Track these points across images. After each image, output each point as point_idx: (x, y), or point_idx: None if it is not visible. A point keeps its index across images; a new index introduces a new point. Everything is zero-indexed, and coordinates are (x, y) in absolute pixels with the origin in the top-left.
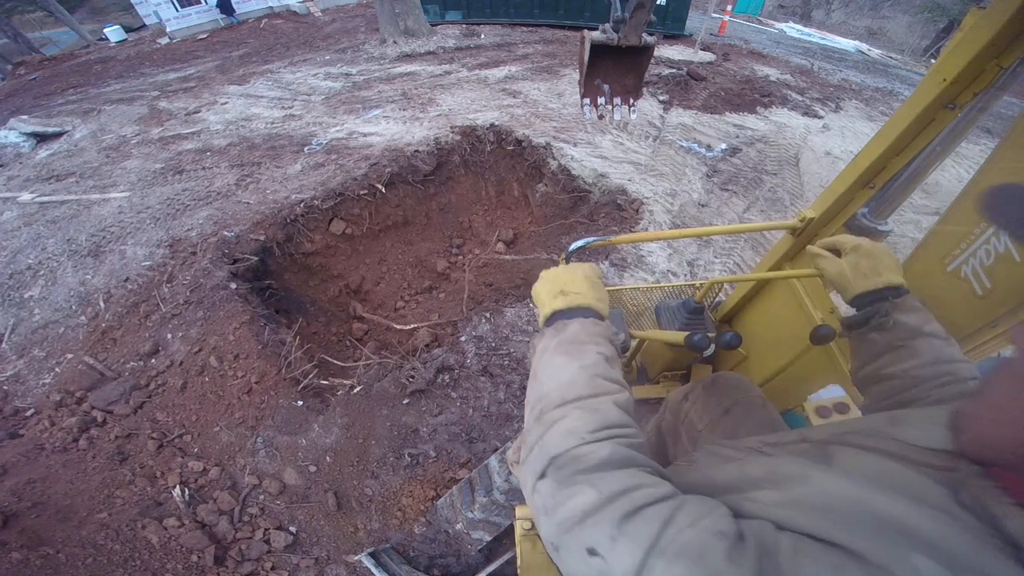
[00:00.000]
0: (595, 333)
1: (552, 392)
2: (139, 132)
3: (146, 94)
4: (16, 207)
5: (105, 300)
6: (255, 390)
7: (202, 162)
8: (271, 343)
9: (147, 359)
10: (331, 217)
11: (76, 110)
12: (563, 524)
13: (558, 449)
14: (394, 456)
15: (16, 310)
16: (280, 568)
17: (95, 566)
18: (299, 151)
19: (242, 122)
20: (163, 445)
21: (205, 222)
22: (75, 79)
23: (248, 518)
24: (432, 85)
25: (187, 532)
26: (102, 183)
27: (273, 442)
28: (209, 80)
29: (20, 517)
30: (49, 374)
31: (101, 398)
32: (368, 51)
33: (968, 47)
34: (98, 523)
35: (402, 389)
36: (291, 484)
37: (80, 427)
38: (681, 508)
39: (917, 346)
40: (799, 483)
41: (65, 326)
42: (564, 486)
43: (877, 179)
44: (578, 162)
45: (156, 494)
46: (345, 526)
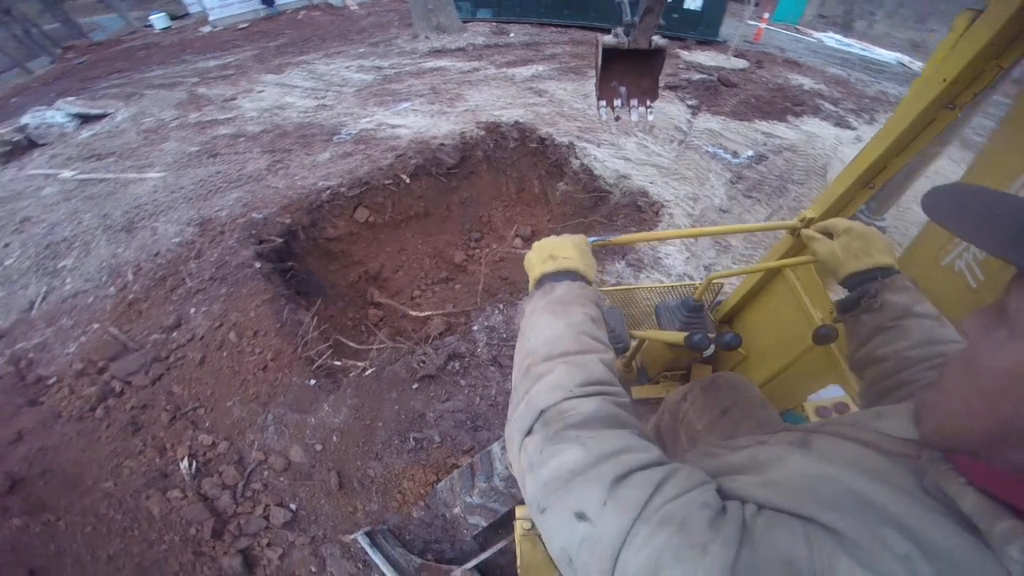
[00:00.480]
0: (581, 295)
1: (539, 348)
2: (177, 116)
3: (186, 80)
4: (57, 183)
5: (134, 273)
6: (270, 367)
7: (235, 147)
8: (289, 322)
9: (169, 332)
10: (356, 205)
11: (119, 94)
12: (549, 484)
13: (546, 403)
14: (399, 439)
15: (49, 279)
16: (276, 544)
17: (93, 535)
18: (329, 140)
19: (276, 110)
20: (176, 418)
21: (235, 204)
22: (120, 64)
23: (251, 493)
24: (460, 81)
25: (189, 504)
26: (139, 163)
27: (283, 419)
28: (247, 69)
29: (28, 483)
30: (74, 343)
31: (122, 369)
32: (400, 45)
33: (968, 47)
34: (103, 492)
35: (412, 374)
36: (296, 461)
37: (98, 397)
38: (671, 476)
39: (907, 326)
40: (776, 465)
41: (94, 296)
42: (551, 442)
43: (877, 179)
44: (600, 162)
45: (164, 466)
46: (345, 506)
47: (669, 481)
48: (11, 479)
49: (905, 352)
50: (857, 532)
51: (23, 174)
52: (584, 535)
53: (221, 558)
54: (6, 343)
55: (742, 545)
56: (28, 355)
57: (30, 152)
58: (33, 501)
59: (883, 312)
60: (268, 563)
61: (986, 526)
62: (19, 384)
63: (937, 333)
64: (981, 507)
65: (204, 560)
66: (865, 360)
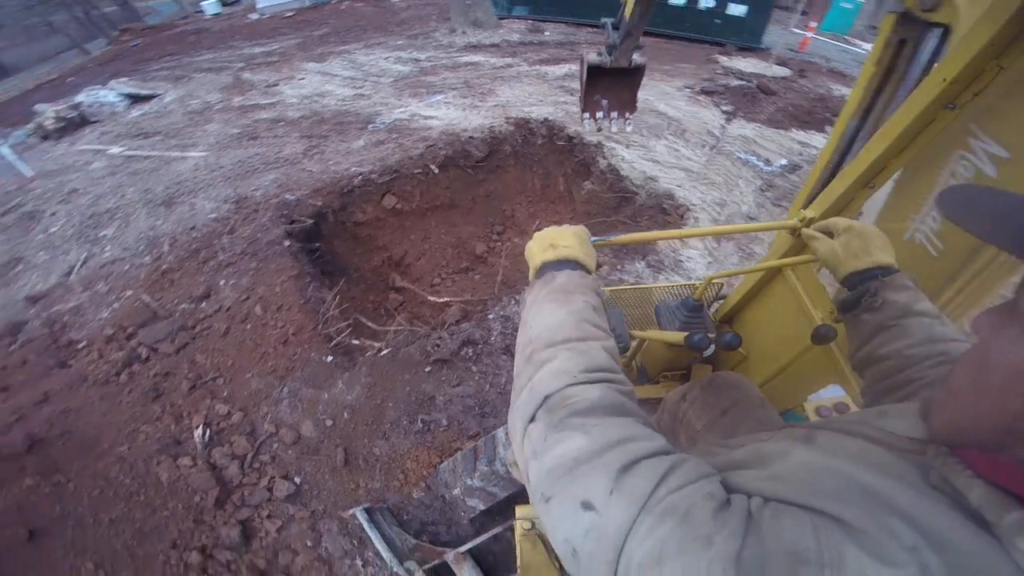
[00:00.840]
0: (582, 283)
1: (542, 335)
2: (222, 100)
3: (232, 65)
4: (105, 158)
5: (170, 244)
6: (291, 341)
7: (275, 131)
8: (313, 299)
9: (198, 302)
10: (384, 191)
11: (169, 76)
12: (553, 472)
13: (549, 389)
14: (408, 420)
15: (89, 246)
16: (275, 517)
17: (99, 499)
18: (364, 128)
19: (315, 97)
20: (196, 386)
21: (270, 184)
22: (171, 47)
23: (258, 465)
24: (493, 76)
25: (198, 473)
26: (183, 143)
27: (298, 393)
28: (290, 56)
29: (46, 444)
30: (107, 309)
31: (150, 336)
32: (437, 39)
33: (968, 47)
34: (116, 456)
35: (426, 357)
36: (306, 436)
37: (124, 362)
38: (677, 466)
39: (907, 325)
40: (780, 459)
41: (130, 264)
42: (555, 430)
43: (877, 179)
44: (628, 163)
45: (178, 433)
46: (348, 483)
47: (675, 471)
48: (31, 439)
49: (907, 351)
50: (864, 522)
51: (74, 149)
52: (590, 525)
53: (220, 527)
54: (43, 305)
55: (747, 536)
56: (63, 318)
57: (82, 129)
58: (48, 462)
59: (883, 311)
60: (266, 535)
61: (994, 518)
62: (51, 346)
63: (938, 331)
64: (989, 499)
65: (203, 528)
66: (867, 359)
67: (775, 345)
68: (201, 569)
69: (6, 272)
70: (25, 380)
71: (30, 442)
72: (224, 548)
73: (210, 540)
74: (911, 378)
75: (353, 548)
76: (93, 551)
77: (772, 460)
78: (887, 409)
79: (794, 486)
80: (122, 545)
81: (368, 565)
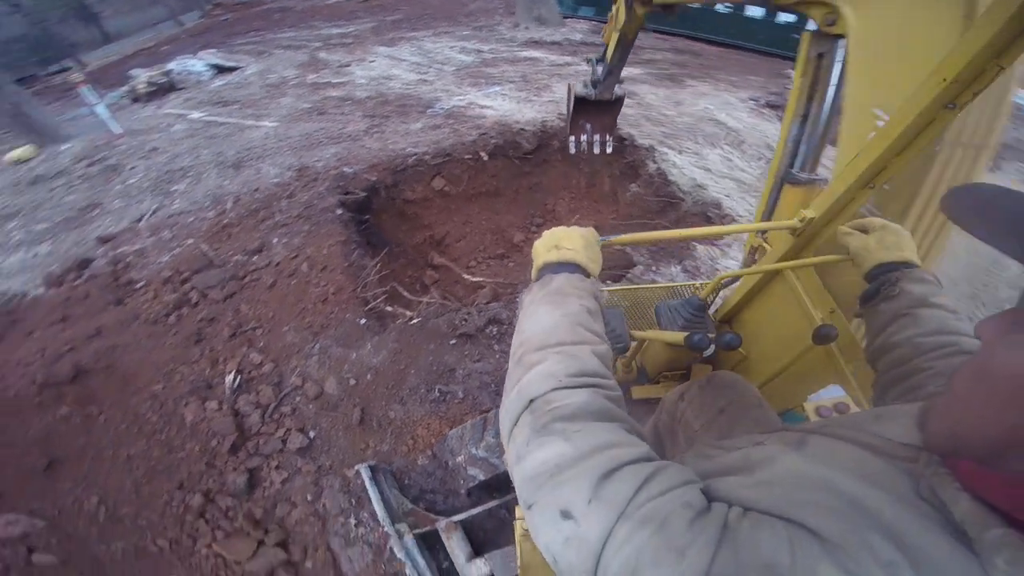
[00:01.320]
0: (579, 287)
1: (533, 337)
2: (297, 76)
3: (310, 44)
4: (186, 122)
5: (233, 203)
6: (329, 300)
7: (342, 108)
8: (355, 265)
9: (251, 255)
10: (435, 173)
11: (252, 50)
12: (535, 479)
13: (535, 392)
14: (425, 388)
15: (161, 198)
16: (283, 468)
17: (124, 433)
18: (423, 112)
19: (382, 80)
20: (236, 334)
21: (331, 157)
22: (257, 23)
23: (278, 416)
24: (551, 73)
25: (221, 417)
26: (258, 113)
27: (328, 351)
28: (364, 39)
29: (90, 375)
30: (168, 254)
31: (202, 281)
32: (501, 32)
33: (968, 47)
34: (149, 394)
35: (453, 330)
36: (328, 392)
37: (176, 304)
38: (658, 473)
39: (921, 314)
40: (767, 465)
41: (195, 216)
42: (537, 434)
43: (877, 179)
44: (678, 169)
45: (211, 377)
46: (358, 442)
47: (655, 477)
48: (77, 369)
49: (917, 339)
50: (843, 537)
51: (160, 112)
52: (569, 534)
53: (229, 473)
54: (112, 246)
55: (720, 547)
56: (127, 259)
57: (169, 94)
58: (87, 393)
59: (900, 299)
60: (270, 485)
61: (976, 533)
62: (112, 284)
63: (952, 324)
64: (973, 514)
65: (213, 473)
66: (880, 348)
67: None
68: (199, 512)
69: (84, 215)
70: (84, 313)
71: (76, 372)
72: (227, 494)
73: (216, 485)
74: (919, 367)
75: (350, 507)
76: (102, 485)
77: (759, 466)
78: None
79: (777, 495)
80: (132, 482)
81: (361, 525)
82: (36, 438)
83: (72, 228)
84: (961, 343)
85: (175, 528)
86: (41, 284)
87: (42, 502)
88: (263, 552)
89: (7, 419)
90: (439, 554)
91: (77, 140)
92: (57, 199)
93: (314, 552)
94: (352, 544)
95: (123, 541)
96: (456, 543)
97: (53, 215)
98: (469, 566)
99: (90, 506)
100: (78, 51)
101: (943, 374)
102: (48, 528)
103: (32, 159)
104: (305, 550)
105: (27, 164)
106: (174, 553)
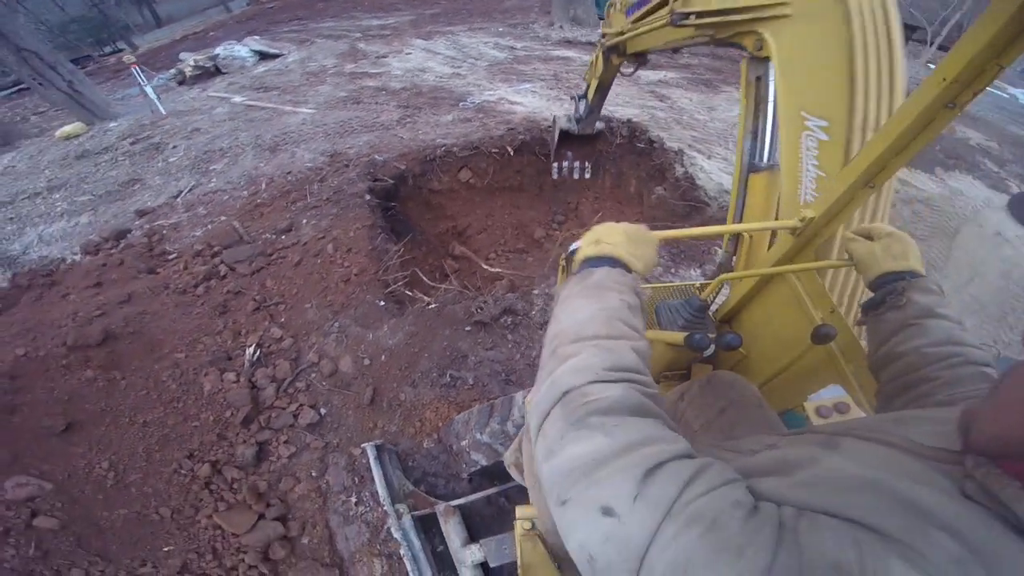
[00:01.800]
0: (620, 281)
1: (569, 329)
2: (336, 65)
3: (350, 34)
4: (228, 105)
5: (267, 184)
6: (352, 281)
7: (377, 98)
8: (379, 249)
9: (280, 234)
10: (462, 165)
11: (295, 38)
12: (571, 474)
13: (569, 384)
14: (437, 373)
15: (199, 176)
16: (292, 443)
17: (143, 399)
18: (455, 105)
19: (417, 72)
20: (259, 308)
21: (363, 145)
22: (301, 12)
23: (293, 391)
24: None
25: (238, 389)
26: (296, 99)
27: (346, 330)
28: (402, 31)
29: (118, 340)
30: (201, 229)
31: (232, 256)
32: (535, 30)
33: (968, 47)
34: (172, 361)
35: (469, 317)
36: (343, 370)
37: (205, 276)
38: (702, 471)
39: (928, 325)
40: (808, 465)
41: (229, 195)
42: (572, 427)
43: (877, 179)
44: (706, 174)
45: (232, 348)
46: (367, 421)
47: (700, 476)
48: (106, 333)
49: (924, 348)
50: (907, 534)
51: (204, 94)
52: (609, 532)
53: (239, 445)
54: (149, 219)
55: (779, 547)
56: (162, 231)
57: (214, 78)
58: (113, 357)
59: (906, 310)
60: (277, 459)
61: None
62: (146, 253)
63: (957, 335)
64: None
65: (224, 444)
66: (885, 358)
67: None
68: (205, 483)
69: (125, 189)
70: (117, 279)
71: (104, 336)
72: (234, 466)
73: (225, 456)
74: (926, 377)
75: (352, 485)
76: (115, 450)
77: (799, 467)
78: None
79: (828, 495)
80: (144, 448)
81: (360, 504)
82: (59, 399)
83: (113, 201)
84: (967, 354)
85: (179, 497)
86: (79, 251)
87: (54, 465)
88: (261, 526)
89: (34, 379)
90: (435, 537)
91: (124, 119)
92: (101, 173)
93: (312, 528)
94: (350, 522)
95: (126, 508)
96: (453, 527)
97: (96, 188)
98: (464, 551)
99: (100, 471)
100: (131, 33)
101: (951, 384)
102: (55, 491)
103: (81, 135)
104: (303, 526)
105: (76, 140)
106: (174, 522)
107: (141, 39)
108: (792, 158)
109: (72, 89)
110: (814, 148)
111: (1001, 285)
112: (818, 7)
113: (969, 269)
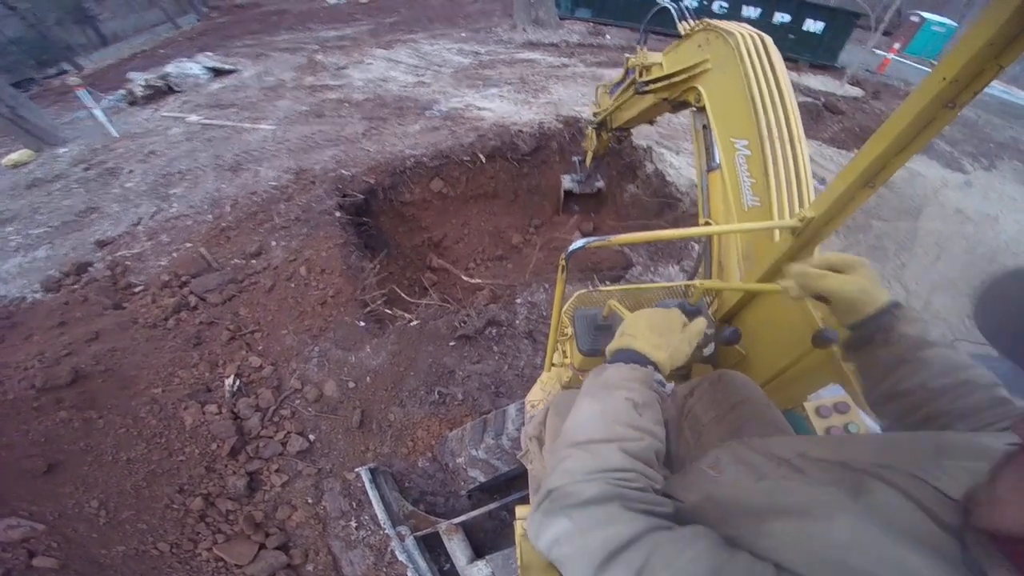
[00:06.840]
0: (631, 378)
1: (569, 431)
2: (295, 78)
3: (307, 47)
4: (184, 125)
5: (232, 206)
6: (328, 303)
7: (339, 111)
8: (354, 267)
9: (249, 259)
10: (433, 175)
11: (249, 53)
12: (548, 552)
13: (553, 484)
14: (425, 390)
15: (159, 202)
16: (283, 471)
17: (124, 436)
18: (421, 114)
19: (380, 82)
20: (235, 337)
21: (329, 160)
22: (254, 26)
23: (278, 419)
24: (548, 75)
25: (220, 420)
26: (255, 115)
27: (327, 353)
28: (361, 42)
29: (89, 379)
30: (167, 258)
31: (201, 285)
32: (499, 34)
33: (968, 47)
34: (149, 397)
35: (452, 332)
36: (328, 395)
37: (174, 308)
38: (654, 553)
39: (925, 357)
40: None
41: (193, 220)
42: (548, 515)
43: (877, 178)
44: (676, 169)
45: (211, 380)
46: (359, 444)
47: (653, 558)
48: (75, 373)
49: (930, 383)
50: None
51: (157, 115)
52: None
53: (229, 477)
54: (110, 250)
55: None
56: (125, 262)
57: (167, 97)
58: (86, 397)
59: (898, 345)
60: (270, 488)
61: None
62: (110, 287)
63: (954, 360)
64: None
65: (213, 476)
66: (888, 395)
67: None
68: (200, 516)
69: (82, 218)
70: (82, 317)
71: (74, 376)
72: (227, 498)
73: (216, 488)
74: (941, 410)
75: (351, 509)
76: (102, 488)
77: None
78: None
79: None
80: (132, 485)
81: (361, 528)
82: (35, 441)
83: (70, 232)
84: (973, 379)
85: (176, 531)
86: (39, 288)
87: (42, 505)
88: (264, 556)
89: (5, 423)
90: (440, 556)
91: (74, 143)
92: (55, 203)
93: (315, 555)
94: (353, 547)
95: (123, 545)
96: (457, 545)
97: (51, 219)
98: (470, 568)
99: (90, 509)
100: (75, 54)
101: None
102: (48, 531)
103: (30, 162)
104: (306, 553)
105: (24, 167)
106: (175, 556)
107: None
108: (733, 174)
109: (15, 114)
110: (744, 163)
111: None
112: (721, 55)
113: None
